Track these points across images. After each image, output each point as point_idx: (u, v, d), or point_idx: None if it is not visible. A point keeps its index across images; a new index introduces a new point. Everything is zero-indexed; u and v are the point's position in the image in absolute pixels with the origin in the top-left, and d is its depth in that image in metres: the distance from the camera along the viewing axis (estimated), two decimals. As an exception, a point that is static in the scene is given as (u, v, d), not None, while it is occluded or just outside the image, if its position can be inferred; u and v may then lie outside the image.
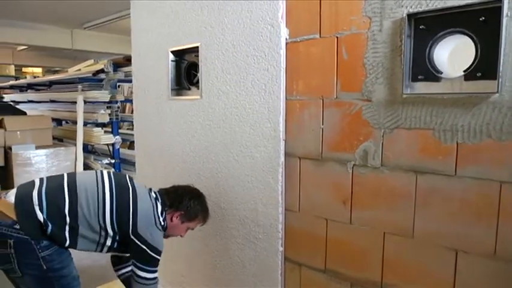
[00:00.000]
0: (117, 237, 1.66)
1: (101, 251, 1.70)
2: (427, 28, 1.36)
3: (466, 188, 1.33)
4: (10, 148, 5.18)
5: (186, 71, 2.32)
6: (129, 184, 1.72)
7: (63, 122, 6.77)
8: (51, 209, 1.55)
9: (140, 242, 1.64)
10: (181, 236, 1.87)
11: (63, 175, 1.71)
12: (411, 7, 1.39)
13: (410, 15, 1.38)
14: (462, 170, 1.33)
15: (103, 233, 1.63)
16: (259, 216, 1.93)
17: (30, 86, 7.73)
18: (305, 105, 1.73)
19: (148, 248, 1.65)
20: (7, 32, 7.45)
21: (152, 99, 2.49)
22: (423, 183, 1.42)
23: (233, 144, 2.01)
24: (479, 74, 1.26)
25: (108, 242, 1.66)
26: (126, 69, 5.58)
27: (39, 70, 12.46)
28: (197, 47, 2.14)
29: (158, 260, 1.70)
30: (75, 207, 1.58)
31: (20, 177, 5.26)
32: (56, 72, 10.80)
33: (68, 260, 1.65)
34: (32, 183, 1.64)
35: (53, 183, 1.65)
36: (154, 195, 1.78)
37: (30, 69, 12.32)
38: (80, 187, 1.63)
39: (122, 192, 1.68)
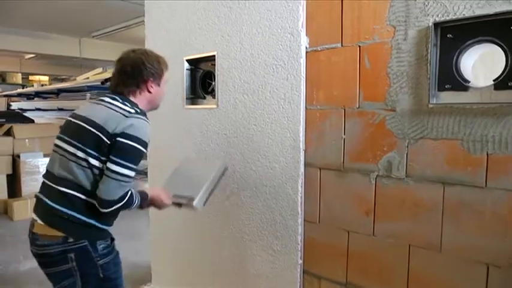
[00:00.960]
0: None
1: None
2: (454, 37, 1.34)
3: (497, 199, 1.29)
4: (18, 156, 5.18)
5: (201, 80, 2.31)
6: (75, 120, 1.58)
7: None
8: (67, 205, 1.49)
9: (122, 138, 1.47)
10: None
11: (42, 177, 1.63)
12: (437, 16, 1.37)
13: (437, 24, 1.36)
14: (493, 181, 1.29)
15: (97, 171, 1.49)
16: (278, 228, 1.89)
17: (37, 94, 7.76)
18: (326, 115, 1.70)
19: (130, 140, 1.48)
20: (16, 40, 7.51)
21: (166, 108, 2.45)
22: (451, 195, 1.39)
23: (250, 154, 1.98)
24: (511, 83, 1.23)
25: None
26: (134, 77, 5.59)
27: (45, 78, 12.53)
28: (213, 56, 2.12)
29: (140, 153, 1.52)
30: (71, 184, 1.50)
31: (27, 186, 5.25)
32: (62, 80, 10.86)
33: (121, 271, 1.64)
34: (38, 200, 1.59)
35: (45, 189, 1.58)
36: (107, 99, 1.59)
37: (36, 77, 12.39)
38: (54, 168, 1.55)
39: (73, 130, 1.55)
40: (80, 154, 1.49)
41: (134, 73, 1.62)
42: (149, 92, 1.66)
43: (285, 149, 1.83)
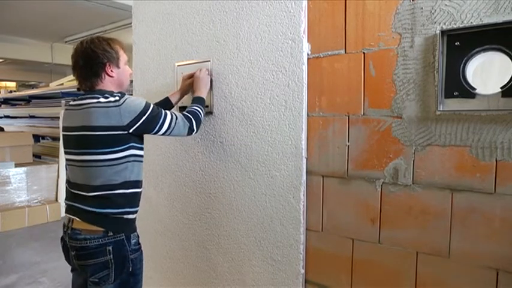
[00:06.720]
0: (124, 148, 1.62)
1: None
2: (461, 45, 1.36)
3: (506, 205, 1.30)
4: (-12, 166, 4.92)
5: (194, 86, 2.24)
6: (71, 132, 1.66)
7: (40, 138, 6.50)
8: (102, 206, 1.60)
9: (137, 122, 1.58)
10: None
11: (68, 187, 1.72)
12: (445, 24, 1.38)
13: (444, 32, 1.37)
14: (502, 187, 1.31)
15: (121, 160, 1.61)
16: (278, 237, 1.85)
17: (6, 101, 7.42)
18: (329, 122, 1.69)
19: (141, 118, 1.59)
20: (-17, 44, 7.16)
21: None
22: (460, 201, 1.39)
23: (248, 162, 1.94)
24: (519, 91, 1.26)
25: (132, 151, 1.64)
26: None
27: (12, 84, 12.02)
28: (207, 62, 2.07)
29: (153, 109, 1.64)
30: (99, 187, 1.60)
31: (-3, 197, 4.98)
32: (31, 86, 10.44)
33: (143, 269, 1.75)
34: (70, 205, 1.67)
35: (75, 197, 1.66)
36: (86, 101, 1.60)
37: (3, 84, 11.86)
38: (77, 178, 1.66)
39: (76, 141, 1.64)
40: (98, 157, 1.57)
41: (88, 64, 1.63)
42: (110, 76, 1.68)
43: (286, 156, 1.79)
